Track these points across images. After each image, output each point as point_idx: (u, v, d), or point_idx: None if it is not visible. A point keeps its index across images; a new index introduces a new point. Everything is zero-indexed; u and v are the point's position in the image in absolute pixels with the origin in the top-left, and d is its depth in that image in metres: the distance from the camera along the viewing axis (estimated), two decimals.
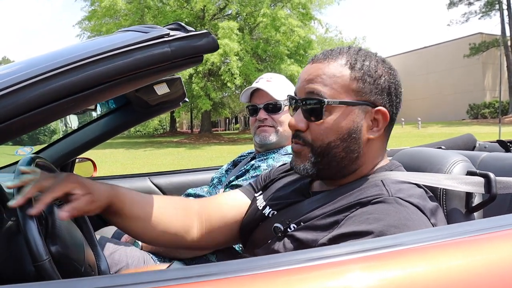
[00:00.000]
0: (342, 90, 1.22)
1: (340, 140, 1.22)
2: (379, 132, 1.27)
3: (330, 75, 1.23)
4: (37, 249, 1.07)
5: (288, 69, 27.33)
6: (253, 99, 2.30)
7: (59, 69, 0.96)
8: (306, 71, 1.29)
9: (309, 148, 1.25)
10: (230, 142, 28.41)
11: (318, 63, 1.27)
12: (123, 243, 2.10)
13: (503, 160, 1.76)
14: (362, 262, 0.87)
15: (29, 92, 0.93)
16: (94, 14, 30.69)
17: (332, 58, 1.26)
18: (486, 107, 38.36)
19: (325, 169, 1.26)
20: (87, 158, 3.28)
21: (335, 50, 1.31)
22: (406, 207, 1.10)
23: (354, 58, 1.26)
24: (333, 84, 1.22)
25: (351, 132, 1.22)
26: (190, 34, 1.08)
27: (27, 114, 0.94)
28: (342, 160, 1.24)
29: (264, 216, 1.43)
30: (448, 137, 2.93)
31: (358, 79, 1.23)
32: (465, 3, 42.34)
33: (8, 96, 0.91)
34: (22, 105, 0.93)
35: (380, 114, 1.25)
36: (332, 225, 1.15)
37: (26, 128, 0.98)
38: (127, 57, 1.02)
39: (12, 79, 0.93)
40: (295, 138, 1.28)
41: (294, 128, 1.27)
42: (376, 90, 1.24)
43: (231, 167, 2.51)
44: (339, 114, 1.22)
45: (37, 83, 0.94)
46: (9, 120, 0.92)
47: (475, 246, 0.93)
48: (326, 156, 1.23)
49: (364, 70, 1.23)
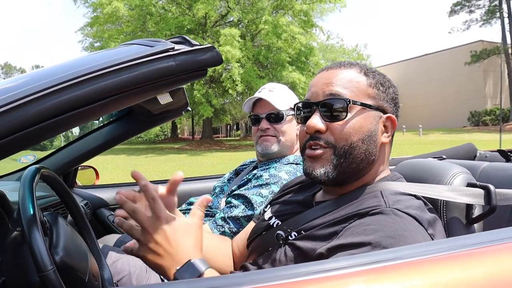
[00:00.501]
0: (360, 94, 1.28)
1: (361, 141, 1.25)
2: (389, 138, 1.33)
3: (349, 79, 1.29)
4: (42, 259, 1.08)
5: (289, 76, 27.38)
6: (255, 109, 2.31)
7: (67, 82, 0.98)
8: (322, 76, 1.33)
9: (331, 149, 1.25)
10: (231, 149, 28.42)
11: (333, 70, 1.33)
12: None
13: (504, 171, 1.77)
14: (362, 275, 0.88)
15: (38, 105, 0.95)
16: (96, 20, 30.76)
17: (346, 66, 1.33)
18: (487, 114, 38.38)
19: (345, 172, 1.27)
20: (90, 166, 3.29)
21: (345, 61, 1.37)
22: (403, 218, 1.12)
23: (366, 68, 1.34)
24: (353, 88, 1.28)
25: (371, 134, 1.27)
26: (194, 48, 1.09)
27: (36, 126, 0.95)
28: (361, 162, 1.27)
29: (270, 225, 1.46)
30: (449, 144, 2.95)
31: (373, 86, 1.30)
32: (466, 11, 42.50)
33: (17, 109, 0.93)
34: (31, 117, 0.94)
35: (390, 121, 1.32)
36: (331, 235, 1.17)
37: (34, 140, 0.99)
38: (132, 71, 1.03)
39: (21, 92, 0.95)
40: (314, 141, 1.27)
41: (314, 129, 1.26)
42: (387, 98, 1.32)
43: (233, 176, 2.52)
44: (360, 115, 1.26)
45: (46, 96, 0.96)
46: (18, 132, 0.94)
47: (474, 260, 0.93)
48: (348, 157, 1.25)
49: (376, 79, 1.31)
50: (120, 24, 30.66)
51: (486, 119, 38.03)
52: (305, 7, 28.96)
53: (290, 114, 2.25)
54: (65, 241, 1.28)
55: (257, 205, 1.99)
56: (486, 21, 41.75)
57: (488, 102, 41.24)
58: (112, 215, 2.97)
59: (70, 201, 1.63)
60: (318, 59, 31.73)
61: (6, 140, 0.93)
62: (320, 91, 1.29)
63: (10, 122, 0.93)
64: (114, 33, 29.37)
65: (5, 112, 0.92)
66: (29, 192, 1.22)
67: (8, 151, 0.97)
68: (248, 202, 2.02)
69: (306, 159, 1.32)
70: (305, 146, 1.31)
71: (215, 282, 0.86)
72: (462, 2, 42.19)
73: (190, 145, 31.19)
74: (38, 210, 1.21)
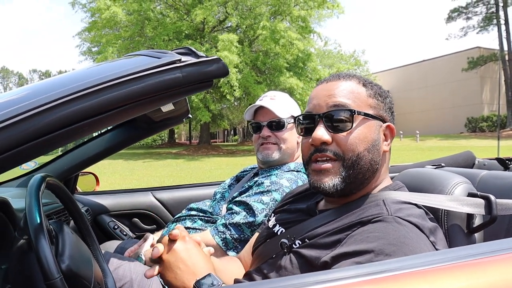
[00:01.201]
0: (362, 104, 1.31)
1: (367, 151, 1.27)
2: (389, 146, 1.36)
3: (350, 91, 1.32)
4: (49, 267, 1.09)
5: (287, 81, 27.38)
6: (256, 117, 2.33)
7: (77, 93, 0.99)
8: (323, 88, 1.35)
9: (339, 162, 1.27)
10: (229, 154, 28.41)
11: (333, 82, 1.35)
12: (127, 258, 2.12)
13: (502, 179, 1.79)
14: (367, 285, 0.90)
15: (48, 115, 0.96)
16: (94, 25, 30.73)
17: (345, 78, 1.36)
18: (484, 120, 38.47)
19: (352, 182, 1.28)
20: (90, 172, 3.30)
21: (343, 73, 1.41)
22: (405, 225, 1.14)
23: (364, 79, 1.37)
24: (354, 99, 1.31)
25: (375, 143, 1.30)
26: (201, 60, 1.11)
27: (46, 136, 0.97)
28: (366, 172, 1.29)
29: (274, 233, 1.48)
30: (447, 150, 2.97)
31: (372, 96, 1.33)
32: (464, 17, 42.63)
33: (29, 119, 0.94)
34: (42, 128, 0.96)
35: (389, 129, 1.36)
36: (334, 243, 1.19)
37: (44, 149, 1.01)
38: (140, 82, 1.05)
39: (32, 103, 0.96)
40: (322, 153, 1.28)
41: (320, 141, 1.28)
42: (385, 108, 1.36)
43: (234, 182, 2.53)
44: (363, 125, 1.29)
45: (56, 107, 0.97)
46: (29, 142, 0.95)
47: (478, 270, 0.95)
48: (355, 168, 1.27)
49: (375, 90, 1.35)
50: (118, 29, 30.64)
51: (483, 125, 38.11)
52: (303, 13, 28.99)
53: (291, 122, 2.27)
54: (71, 249, 1.29)
55: (258, 212, 2.00)
56: (483, 27, 41.93)
57: (485, 108, 41.34)
58: (112, 221, 2.98)
59: (74, 209, 1.64)
60: (315, 64, 31.76)
61: (18, 149, 0.94)
62: (322, 103, 1.31)
63: (22, 132, 0.94)
64: (112, 38, 29.32)
65: (17, 122, 0.94)
66: (36, 201, 1.23)
67: (20, 160, 0.99)
68: (250, 209, 2.03)
69: (311, 173, 1.33)
70: (311, 158, 1.32)
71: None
72: (460, 8, 42.35)
73: (187, 150, 31.15)
74: (45, 219, 1.22)
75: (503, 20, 39.61)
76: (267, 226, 1.57)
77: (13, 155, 0.95)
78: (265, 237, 1.52)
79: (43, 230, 1.15)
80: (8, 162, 0.97)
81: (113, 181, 13.20)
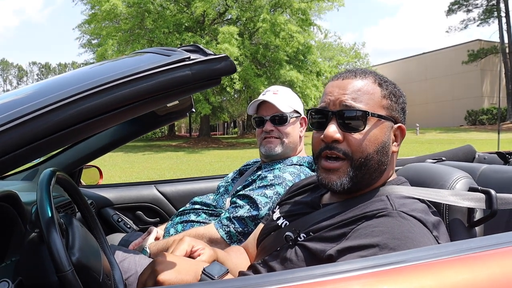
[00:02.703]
0: (376, 105, 1.31)
1: (376, 153, 1.29)
2: (398, 147, 1.38)
3: (365, 91, 1.32)
4: (60, 260, 1.11)
5: (287, 74, 27.32)
6: (259, 111, 2.36)
7: (88, 91, 1.01)
8: (338, 85, 1.35)
9: (348, 161, 1.29)
10: (229, 147, 28.40)
11: (349, 79, 1.35)
12: (132, 251, 2.14)
13: (502, 173, 1.81)
14: (371, 277, 0.93)
15: (60, 113, 0.98)
16: (94, 18, 30.63)
17: (361, 76, 1.35)
18: (484, 113, 38.46)
19: (359, 182, 1.31)
20: (94, 165, 3.32)
21: (359, 69, 1.40)
22: (409, 220, 1.17)
23: (380, 78, 1.37)
24: (369, 99, 1.31)
25: (384, 144, 1.31)
26: (209, 58, 1.13)
27: (57, 133, 0.99)
28: (374, 172, 1.32)
29: (278, 226, 1.50)
30: (446, 143, 2.99)
31: (386, 97, 1.33)
32: (464, 10, 42.48)
33: (42, 116, 0.97)
34: (54, 125, 0.98)
35: (399, 130, 1.37)
36: (339, 237, 1.21)
37: (56, 145, 1.03)
38: (151, 79, 1.07)
39: (45, 101, 0.99)
40: (331, 150, 1.30)
41: (332, 139, 1.29)
42: (398, 108, 1.36)
43: (237, 176, 2.56)
44: (376, 127, 1.30)
45: (68, 104, 0.99)
46: (42, 139, 0.98)
47: (480, 262, 0.98)
48: (363, 169, 1.29)
49: (389, 89, 1.35)
50: (118, 21, 30.52)
51: (483, 118, 38.12)
52: (303, 5, 28.85)
53: (294, 117, 2.29)
54: (80, 242, 1.31)
55: (262, 206, 2.03)
56: (483, 20, 41.85)
57: (485, 101, 41.34)
58: (116, 214, 3.01)
59: (81, 203, 1.67)
60: (315, 57, 31.68)
61: (32, 146, 0.97)
62: (336, 100, 1.32)
63: (34, 129, 0.97)
64: (112, 30, 29.21)
65: (30, 120, 0.96)
66: (47, 195, 1.25)
67: (32, 156, 1.01)
68: (253, 202, 2.06)
69: (320, 169, 1.34)
70: (320, 154, 1.34)
71: (231, 283, 0.91)
72: (460, 1, 42.23)
73: (187, 143, 31.14)
74: (56, 213, 1.25)
75: (504, 13, 39.50)
76: (271, 218, 1.60)
77: (25, 152, 0.98)
78: (270, 229, 1.54)
79: (54, 224, 1.17)
80: (22, 157, 1.00)
81: (113, 174, 13.21)
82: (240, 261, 1.64)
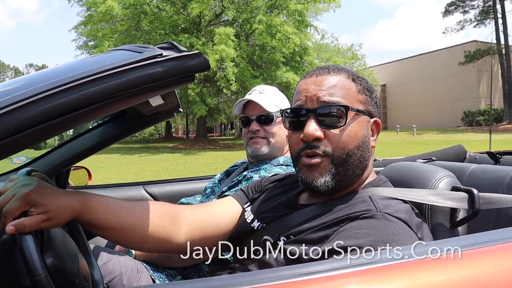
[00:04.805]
0: (353, 100, 1.30)
1: (357, 149, 1.27)
2: (375, 142, 1.36)
3: (341, 86, 1.30)
4: (33, 263, 1.09)
5: (283, 76, 27.35)
6: (246, 111, 2.33)
7: (58, 88, 0.99)
8: (313, 82, 1.32)
9: (329, 159, 1.25)
10: (225, 148, 28.42)
11: (323, 75, 1.32)
12: (117, 252, 2.12)
13: (491, 173, 1.80)
14: (350, 277, 0.91)
15: (27, 111, 0.96)
16: (90, 19, 30.61)
17: (335, 72, 1.33)
18: (480, 114, 38.57)
19: (342, 180, 1.28)
20: (82, 166, 3.30)
21: (332, 65, 1.39)
22: (394, 222, 1.14)
23: (353, 74, 1.35)
24: (346, 94, 1.29)
25: (364, 139, 1.30)
26: (182, 54, 1.10)
27: (28, 130, 0.97)
28: (356, 168, 1.29)
29: (253, 229, 1.44)
30: (443, 144, 2.98)
31: (361, 91, 1.32)
32: (460, 11, 42.61)
33: (10, 113, 0.95)
34: (24, 122, 0.96)
35: (375, 125, 1.36)
36: (322, 239, 1.19)
37: (27, 143, 1.01)
38: (121, 77, 1.04)
39: (11, 98, 0.97)
40: (312, 149, 1.26)
41: (313, 137, 1.25)
42: (372, 103, 1.35)
43: (224, 177, 2.54)
44: (354, 122, 1.28)
45: (36, 102, 0.97)
46: (12, 136, 0.95)
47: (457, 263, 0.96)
48: (344, 165, 1.26)
49: (363, 85, 1.34)
50: (114, 23, 30.50)
51: (480, 119, 38.21)
52: (300, 7, 28.91)
53: (280, 116, 2.27)
54: (56, 244, 1.29)
55: None
56: (480, 21, 41.93)
57: (482, 102, 41.42)
58: None
59: None
60: (312, 58, 31.68)
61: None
62: (314, 97, 1.29)
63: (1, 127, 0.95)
64: (108, 32, 29.19)
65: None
66: None
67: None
68: None
69: (302, 168, 1.31)
70: (300, 154, 1.30)
71: (207, 283, 0.88)
72: (456, 2, 42.33)
73: (184, 144, 31.14)
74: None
75: (500, 14, 39.59)
76: (244, 219, 1.51)
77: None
78: (245, 233, 1.47)
79: None
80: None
81: (109, 176, 13.19)
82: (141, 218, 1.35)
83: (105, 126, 2.61)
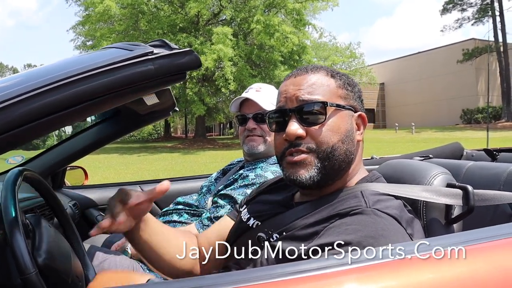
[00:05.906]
0: (333, 96, 1.30)
1: (341, 142, 1.27)
2: (362, 135, 1.36)
3: (320, 84, 1.31)
4: (24, 262, 1.09)
5: (282, 75, 27.26)
6: (242, 109, 2.32)
7: (46, 86, 0.99)
8: (292, 83, 1.34)
9: (314, 154, 1.26)
10: (224, 147, 28.41)
11: (301, 75, 1.34)
12: (113, 251, 2.12)
13: (488, 170, 1.80)
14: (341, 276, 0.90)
15: (17, 109, 0.96)
16: (88, 19, 30.57)
17: (313, 71, 1.35)
18: (479, 112, 38.62)
19: (328, 174, 1.28)
20: (79, 166, 3.30)
21: (311, 65, 1.41)
22: (383, 218, 1.14)
23: (331, 71, 1.37)
24: (324, 91, 1.30)
25: (348, 133, 1.30)
26: (173, 52, 1.10)
27: (20, 128, 0.96)
28: (342, 162, 1.29)
29: (249, 226, 1.45)
30: (442, 142, 2.97)
31: (341, 86, 1.33)
32: (459, 9, 42.63)
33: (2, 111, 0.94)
34: (12, 121, 0.95)
35: (361, 119, 1.36)
36: (312, 235, 1.18)
37: (15, 143, 1.00)
38: (111, 75, 1.04)
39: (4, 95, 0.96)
40: (295, 147, 1.27)
41: (295, 136, 1.26)
42: (355, 97, 1.36)
43: (220, 176, 2.53)
44: (335, 116, 1.28)
45: (26, 100, 0.96)
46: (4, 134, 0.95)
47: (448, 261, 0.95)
48: (330, 159, 1.26)
49: (343, 80, 1.35)
50: (112, 22, 30.47)
51: (478, 117, 38.27)
52: (298, 5, 28.89)
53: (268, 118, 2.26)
54: (48, 243, 1.28)
55: None
56: (478, 19, 41.99)
57: (480, 100, 41.48)
58: (100, 215, 2.97)
59: (54, 202, 1.64)
60: (311, 57, 31.65)
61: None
62: (293, 97, 1.30)
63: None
64: (106, 31, 29.13)
65: None
66: (11, 195, 1.22)
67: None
68: (234, 202, 2.03)
69: (286, 166, 1.31)
70: (284, 153, 1.31)
71: (197, 282, 0.88)
72: (455, 0, 42.35)
73: (183, 144, 31.12)
74: (21, 213, 1.22)
75: (498, 12, 39.63)
76: (240, 218, 1.54)
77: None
78: (240, 231, 1.49)
79: (18, 224, 1.14)
80: None
81: (108, 176, 13.18)
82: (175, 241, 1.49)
83: (100, 125, 2.61)
